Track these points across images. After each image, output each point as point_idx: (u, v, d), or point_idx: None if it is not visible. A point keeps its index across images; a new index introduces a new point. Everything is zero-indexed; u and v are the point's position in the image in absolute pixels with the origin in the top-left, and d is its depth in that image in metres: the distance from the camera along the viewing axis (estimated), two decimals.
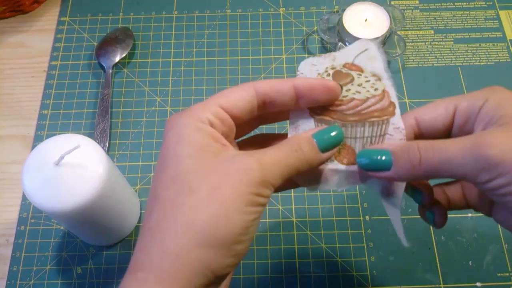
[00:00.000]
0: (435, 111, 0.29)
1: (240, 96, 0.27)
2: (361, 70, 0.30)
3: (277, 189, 0.27)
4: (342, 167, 0.29)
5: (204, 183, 0.24)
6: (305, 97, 0.28)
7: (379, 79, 0.30)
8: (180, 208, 0.24)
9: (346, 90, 0.30)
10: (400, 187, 0.29)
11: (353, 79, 0.30)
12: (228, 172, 0.24)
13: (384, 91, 0.29)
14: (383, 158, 0.27)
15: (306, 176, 0.30)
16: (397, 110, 0.29)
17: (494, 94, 0.27)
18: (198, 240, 0.23)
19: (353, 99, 0.30)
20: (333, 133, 0.28)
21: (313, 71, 0.30)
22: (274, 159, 0.26)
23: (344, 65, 0.30)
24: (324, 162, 0.29)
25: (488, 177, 0.24)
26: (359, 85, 0.30)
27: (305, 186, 0.31)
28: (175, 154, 0.25)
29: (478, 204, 0.31)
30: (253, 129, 0.32)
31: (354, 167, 0.29)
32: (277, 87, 0.28)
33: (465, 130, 0.28)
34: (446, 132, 0.29)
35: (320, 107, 0.30)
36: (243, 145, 0.31)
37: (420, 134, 0.30)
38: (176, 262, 0.23)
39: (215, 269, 0.24)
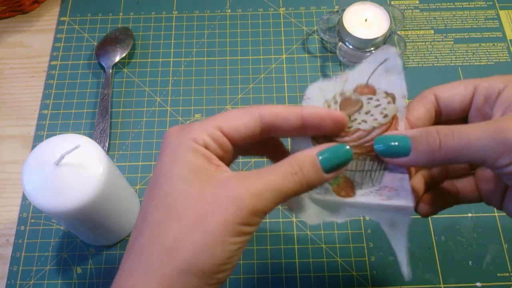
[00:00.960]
0: (455, 89, 0.29)
1: (243, 122, 0.26)
2: (373, 92, 0.29)
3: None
4: (340, 198, 0.28)
5: (191, 209, 0.24)
6: (313, 128, 0.27)
7: (392, 100, 0.28)
8: (166, 233, 0.24)
9: (352, 120, 0.28)
10: (405, 219, 0.28)
11: (361, 106, 0.28)
12: (216, 199, 0.24)
13: (393, 117, 0.28)
14: (402, 144, 0.26)
15: (296, 202, 0.29)
16: None
17: None
18: (180, 269, 0.23)
19: (358, 129, 0.28)
20: (340, 152, 0.27)
21: (320, 97, 0.29)
22: (268, 185, 0.25)
23: (356, 89, 0.29)
24: (326, 182, 0.27)
25: (508, 161, 0.24)
26: (367, 113, 0.28)
27: (293, 210, 0.29)
28: (167, 174, 0.25)
29: (491, 196, 0.31)
30: (255, 151, 0.31)
31: (353, 199, 0.28)
32: (283, 115, 0.27)
33: (483, 111, 0.28)
34: (463, 112, 0.29)
35: (324, 137, 0.28)
36: (255, 146, 0.30)
37: (438, 112, 0.29)
38: (158, 287, 0.23)
39: None
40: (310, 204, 0.29)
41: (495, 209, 0.46)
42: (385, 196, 0.28)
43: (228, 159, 0.28)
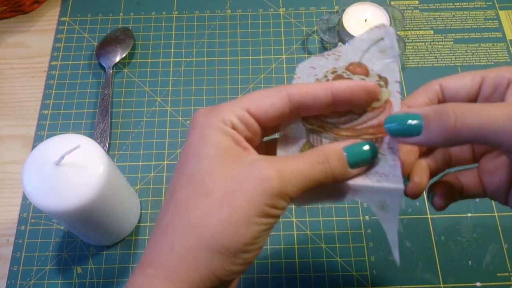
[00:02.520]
0: (462, 80, 0.28)
1: (271, 103, 0.26)
2: (366, 73, 0.28)
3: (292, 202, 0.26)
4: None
5: (220, 186, 0.24)
6: (345, 102, 0.26)
7: (385, 83, 0.27)
8: (192, 209, 0.24)
9: None
10: (396, 202, 0.28)
11: None
12: (244, 179, 0.24)
13: (386, 101, 0.27)
14: (414, 122, 0.25)
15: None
16: None
17: None
18: (206, 245, 0.23)
19: (350, 111, 0.28)
20: (365, 148, 0.26)
21: (311, 75, 0.28)
22: (296, 170, 0.25)
23: (348, 67, 0.28)
24: (350, 178, 0.27)
25: None
26: None
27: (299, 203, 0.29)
28: (196, 153, 0.25)
29: (495, 190, 0.30)
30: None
31: (344, 183, 0.28)
32: (313, 93, 0.26)
33: (492, 101, 0.27)
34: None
35: (314, 117, 0.28)
36: (272, 143, 0.30)
37: (443, 102, 0.29)
38: (182, 263, 0.23)
39: (220, 275, 0.23)
40: None
41: (495, 209, 0.46)
42: (375, 180, 0.28)
43: (256, 140, 0.27)
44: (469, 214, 0.46)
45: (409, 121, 0.25)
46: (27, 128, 0.52)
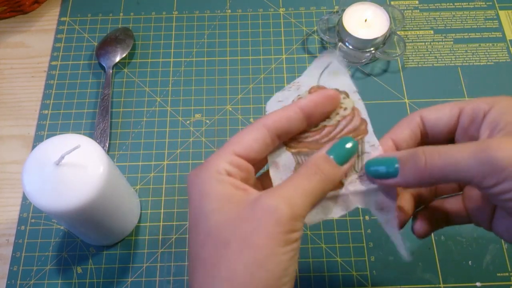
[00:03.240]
0: (440, 111, 0.29)
1: (254, 138, 0.27)
2: None
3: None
4: (331, 192, 0.29)
5: (235, 233, 0.24)
6: (314, 114, 0.28)
7: (346, 95, 0.30)
8: (218, 263, 0.24)
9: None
10: (391, 201, 0.29)
11: None
12: (255, 217, 0.24)
13: (353, 109, 0.29)
14: (390, 165, 0.27)
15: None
16: (369, 127, 0.29)
17: (500, 101, 0.27)
18: None
19: (324, 126, 0.30)
20: (347, 145, 0.28)
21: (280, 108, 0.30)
22: (298, 190, 0.25)
23: (310, 91, 0.30)
24: (345, 174, 0.28)
25: (494, 181, 0.24)
26: None
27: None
28: (202, 212, 0.26)
29: (479, 217, 0.31)
30: None
31: (344, 191, 0.29)
32: (285, 116, 0.28)
33: (469, 133, 0.28)
34: (450, 134, 0.29)
35: (296, 141, 0.30)
36: (266, 176, 0.31)
37: (424, 133, 0.30)
38: None
39: None
40: None
41: None
42: (368, 182, 0.29)
43: (251, 178, 0.28)
44: None
45: (386, 166, 0.27)
46: (27, 128, 0.52)
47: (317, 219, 0.29)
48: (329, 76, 0.30)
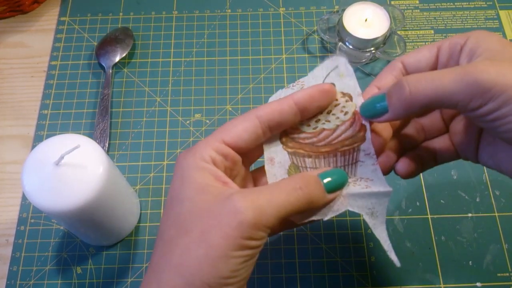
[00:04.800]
0: (420, 53, 0.30)
1: (244, 128, 0.27)
2: None
3: (275, 231, 0.27)
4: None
5: (198, 225, 0.25)
6: (308, 108, 0.28)
7: (350, 98, 0.30)
8: (175, 248, 0.25)
9: (316, 121, 0.30)
10: (383, 206, 0.30)
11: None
12: (219, 215, 0.25)
13: (354, 113, 0.29)
14: (380, 103, 0.28)
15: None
16: (368, 134, 0.29)
17: (474, 33, 0.28)
18: (187, 282, 0.24)
19: (323, 129, 0.30)
20: (340, 178, 0.29)
21: None
22: (271, 199, 0.25)
23: None
24: (327, 204, 0.28)
25: (480, 102, 0.24)
26: (328, 112, 0.30)
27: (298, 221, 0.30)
28: (178, 197, 0.27)
29: (466, 149, 0.31)
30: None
31: (335, 194, 0.29)
32: (279, 109, 0.28)
33: (449, 67, 0.28)
34: None
35: (293, 140, 0.30)
36: (261, 171, 0.31)
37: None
38: None
39: None
40: None
41: (495, 209, 0.46)
42: (363, 185, 0.29)
43: (236, 169, 0.29)
44: (470, 214, 0.46)
45: (378, 103, 0.28)
46: (27, 128, 0.52)
47: (306, 219, 0.29)
48: (334, 77, 0.30)
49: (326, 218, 0.29)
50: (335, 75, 0.30)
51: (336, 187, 0.28)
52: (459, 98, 0.25)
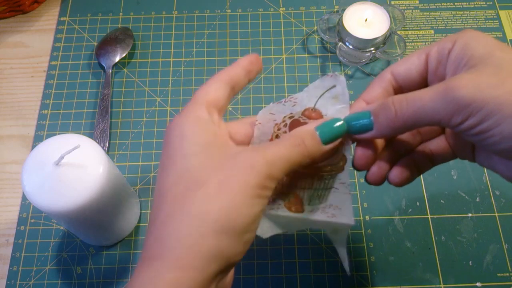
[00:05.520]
0: (409, 61, 0.30)
1: (217, 87, 0.29)
2: (320, 117, 0.30)
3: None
4: (291, 214, 0.30)
5: (213, 177, 0.25)
6: (252, 71, 0.31)
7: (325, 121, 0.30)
8: (192, 200, 0.25)
9: None
10: (345, 230, 0.31)
11: None
12: (235, 168, 0.25)
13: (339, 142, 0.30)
14: (365, 120, 0.28)
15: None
16: (347, 165, 0.30)
17: (462, 36, 0.27)
18: (212, 229, 0.24)
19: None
20: (336, 125, 0.29)
21: (271, 121, 0.31)
22: (277, 155, 0.26)
23: (303, 112, 0.30)
24: (326, 154, 0.29)
25: (461, 119, 0.25)
26: None
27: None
28: (180, 153, 0.26)
29: (463, 150, 0.31)
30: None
31: (303, 215, 0.30)
32: (233, 71, 0.30)
33: (438, 74, 0.29)
34: (423, 81, 0.30)
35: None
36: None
37: (398, 88, 0.30)
38: (191, 250, 0.24)
39: (228, 256, 0.25)
40: (264, 218, 0.31)
41: (495, 209, 0.46)
42: (330, 213, 0.30)
43: (223, 128, 0.30)
44: (470, 214, 0.46)
45: (362, 120, 0.28)
46: (27, 128, 0.52)
47: (270, 233, 0.31)
48: (328, 100, 0.30)
49: (290, 233, 0.31)
50: (329, 96, 0.30)
51: (332, 138, 0.28)
52: (440, 117, 0.25)
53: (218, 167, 0.26)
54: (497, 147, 0.25)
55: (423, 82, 0.30)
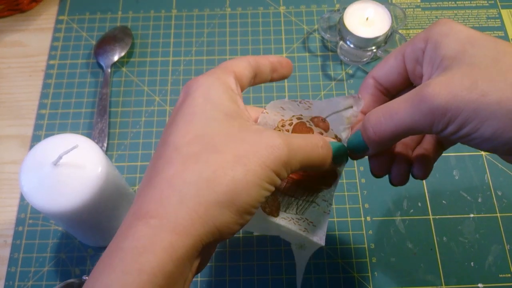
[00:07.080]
0: (387, 64, 0.30)
1: (245, 66, 0.28)
2: (327, 128, 0.30)
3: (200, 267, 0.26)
4: (263, 214, 0.30)
5: (231, 148, 0.24)
6: (277, 70, 0.31)
7: (338, 142, 0.30)
8: (205, 163, 0.24)
9: None
10: (312, 248, 0.31)
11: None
12: (256, 144, 0.24)
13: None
14: (356, 141, 0.29)
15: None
16: (334, 185, 0.30)
17: (433, 33, 0.27)
18: (218, 200, 0.23)
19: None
20: (343, 151, 0.29)
21: (278, 115, 0.30)
22: (300, 146, 0.26)
23: (313, 119, 0.30)
24: (326, 169, 0.29)
25: (441, 127, 0.25)
26: None
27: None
28: (202, 115, 0.25)
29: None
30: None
31: (275, 220, 0.30)
32: (261, 61, 0.30)
33: (418, 73, 0.29)
34: (405, 81, 0.30)
35: None
36: None
37: (384, 90, 0.30)
38: (192, 216, 0.23)
39: (224, 232, 0.24)
40: None
41: (497, 209, 0.46)
42: (302, 227, 0.30)
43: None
44: (471, 215, 0.46)
45: (355, 141, 0.29)
46: (25, 128, 0.52)
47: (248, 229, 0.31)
48: (341, 118, 0.30)
49: (256, 233, 0.30)
50: (343, 115, 0.29)
51: (339, 160, 0.29)
52: (422, 127, 0.25)
53: (238, 140, 0.25)
54: (483, 148, 0.25)
55: (405, 82, 0.30)
